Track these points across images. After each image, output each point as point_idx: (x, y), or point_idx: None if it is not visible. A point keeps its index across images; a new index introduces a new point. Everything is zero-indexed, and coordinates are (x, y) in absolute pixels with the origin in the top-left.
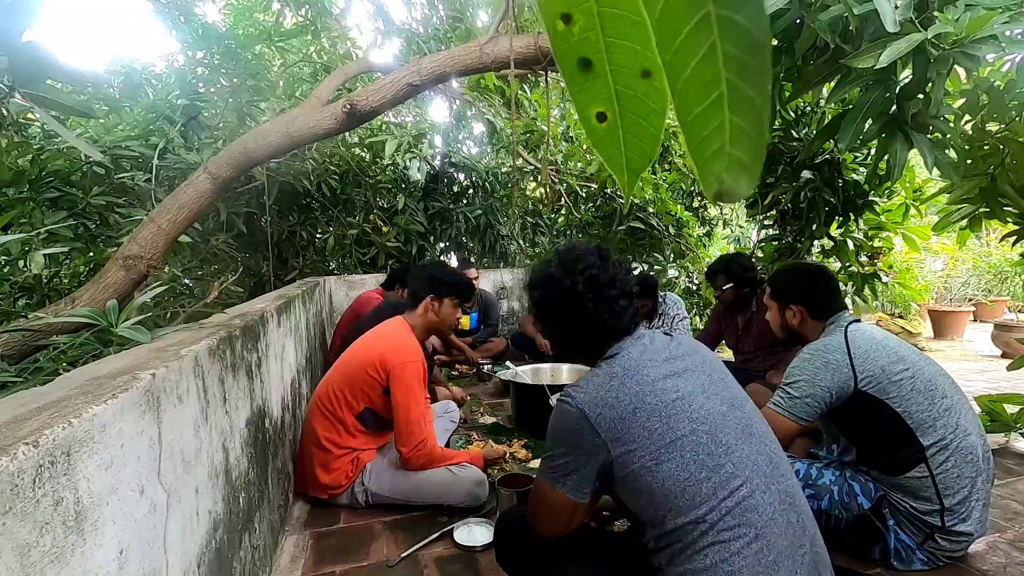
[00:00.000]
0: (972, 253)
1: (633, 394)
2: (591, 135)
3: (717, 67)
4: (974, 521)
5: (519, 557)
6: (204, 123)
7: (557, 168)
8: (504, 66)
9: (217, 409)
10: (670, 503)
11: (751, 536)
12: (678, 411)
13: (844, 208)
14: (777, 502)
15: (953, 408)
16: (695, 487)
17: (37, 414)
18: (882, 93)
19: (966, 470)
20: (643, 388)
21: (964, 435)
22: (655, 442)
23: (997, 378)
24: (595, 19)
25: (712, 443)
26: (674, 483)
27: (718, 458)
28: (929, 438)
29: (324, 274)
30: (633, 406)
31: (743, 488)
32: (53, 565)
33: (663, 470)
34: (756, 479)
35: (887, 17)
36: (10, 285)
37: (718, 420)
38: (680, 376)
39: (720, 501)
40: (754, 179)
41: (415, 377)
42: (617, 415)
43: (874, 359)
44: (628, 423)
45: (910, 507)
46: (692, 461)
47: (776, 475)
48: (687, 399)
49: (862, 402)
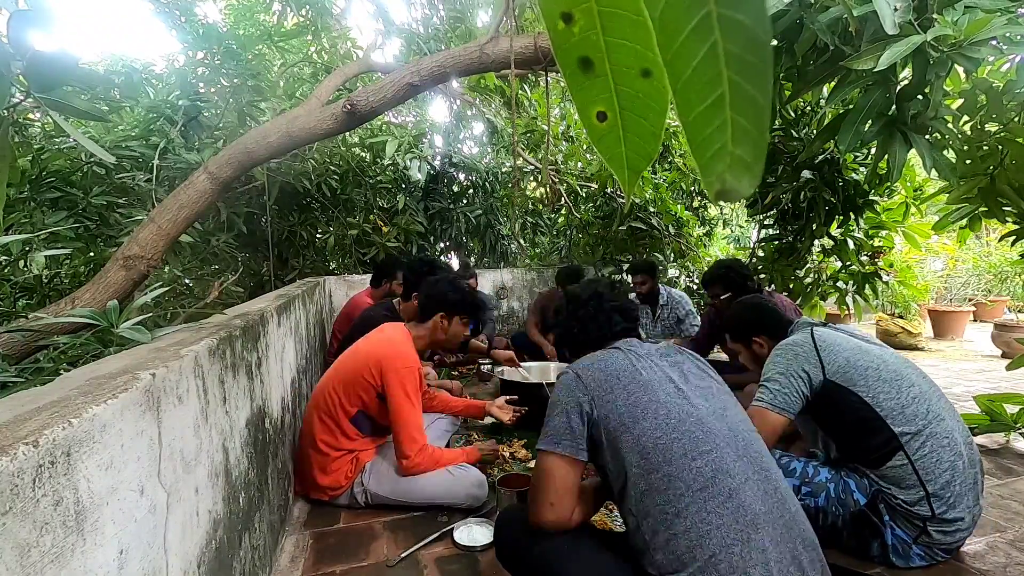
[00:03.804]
0: (972, 253)
1: (621, 367)
2: (592, 134)
3: (719, 66)
4: (963, 507)
5: (519, 554)
6: (205, 123)
7: (557, 168)
8: (504, 66)
9: (217, 409)
10: (644, 459)
11: (725, 495)
12: (657, 387)
13: (844, 207)
14: (751, 471)
15: (922, 396)
16: (667, 446)
17: (37, 414)
18: (882, 94)
19: (944, 454)
20: (631, 363)
21: (937, 420)
22: (633, 403)
23: (997, 378)
24: (596, 18)
25: (684, 413)
26: (648, 440)
27: (690, 426)
28: (901, 425)
29: (324, 274)
30: (617, 373)
31: (713, 452)
32: (53, 565)
33: (638, 428)
34: (727, 448)
35: (886, 19)
36: (10, 285)
37: (694, 400)
38: (670, 367)
39: (691, 460)
40: (756, 178)
41: (412, 382)
42: (603, 376)
43: (838, 351)
44: (611, 384)
45: (900, 500)
46: (665, 424)
47: (749, 451)
48: (668, 380)
49: (833, 393)
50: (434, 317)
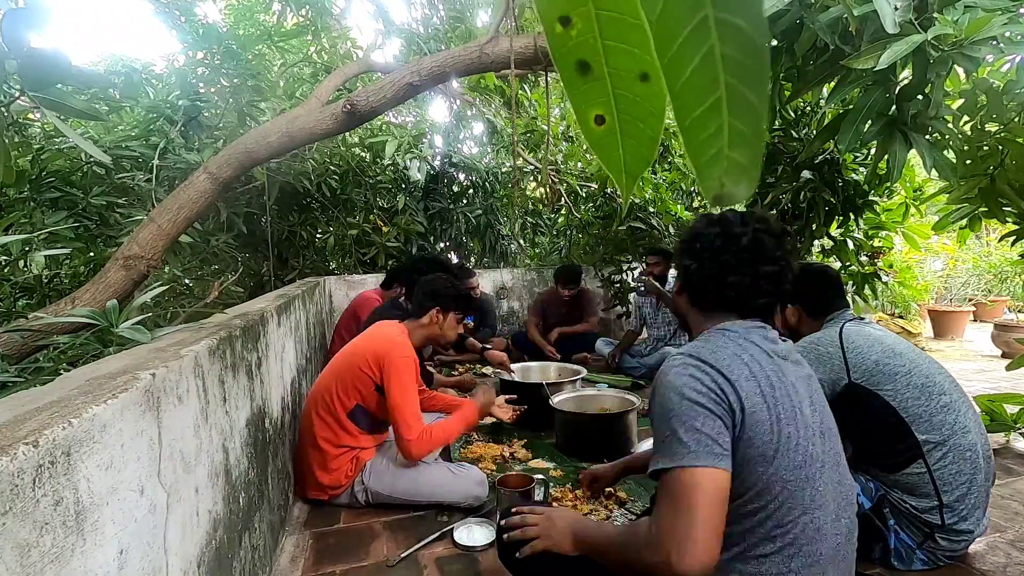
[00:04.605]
0: (972, 253)
1: (768, 374)
2: (589, 138)
3: (716, 70)
4: (974, 520)
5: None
6: (204, 123)
7: (557, 168)
8: (504, 66)
9: (217, 409)
10: (766, 504)
11: (813, 558)
12: (795, 413)
13: (844, 208)
14: (843, 530)
15: (951, 405)
16: (792, 495)
17: (37, 414)
18: (882, 94)
19: (964, 467)
20: (775, 372)
21: (963, 433)
22: (778, 432)
23: (997, 378)
24: (593, 22)
25: (813, 459)
26: (777, 483)
27: (813, 473)
28: (925, 433)
29: (324, 274)
30: (771, 383)
31: (819, 511)
32: (53, 565)
33: (774, 466)
34: (831, 505)
35: (887, 18)
36: (10, 285)
37: (817, 439)
38: (799, 380)
39: (800, 515)
40: (753, 182)
41: (409, 371)
42: (752, 387)
43: (867, 354)
44: (763, 396)
45: (910, 506)
46: (799, 469)
47: (840, 500)
48: (800, 404)
49: (856, 395)
50: (430, 312)
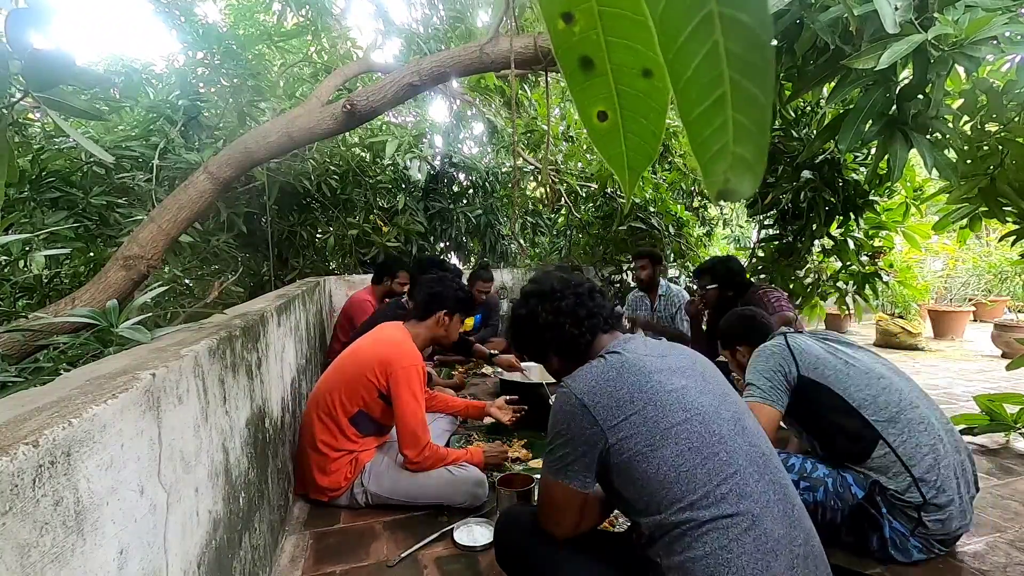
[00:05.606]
0: (972, 253)
1: (630, 384)
2: (592, 134)
3: (720, 65)
4: (952, 491)
5: (519, 557)
6: (205, 123)
7: (557, 168)
8: (504, 66)
9: (217, 409)
10: (665, 489)
11: (748, 523)
12: (672, 402)
13: (844, 208)
14: (771, 492)
15: (892, 386)
16: (690, 473)
17: (37, 414)
18: (882, 94)
19: (923, 438)
20: (639, 379)
21: (911, 407)
22: (650, 429)
23: (997, 378)
24: (596, 18)
25: (706, 432)
26: (669, 469)
27: (712, 447)
28: (874, 414)
29: (324, 274)
30: (630, 395)
31: (737, 476)
32: (53, 565)
33: (658, 456)
34: (749, 468)
35: (887, 18)
36: (10, 285)
37: (711, 413)
38: (675, 372)
39: (715, 487)
40: (758, 177)
41: (417, 380)
42: (614, 403)
43: (810, 350)
44: (624, 410)
45: (892, 491)
46: (687, 448)
47: (769, 467)
48: (681, 391)
49: (808, 390)
50: (435, 315)
